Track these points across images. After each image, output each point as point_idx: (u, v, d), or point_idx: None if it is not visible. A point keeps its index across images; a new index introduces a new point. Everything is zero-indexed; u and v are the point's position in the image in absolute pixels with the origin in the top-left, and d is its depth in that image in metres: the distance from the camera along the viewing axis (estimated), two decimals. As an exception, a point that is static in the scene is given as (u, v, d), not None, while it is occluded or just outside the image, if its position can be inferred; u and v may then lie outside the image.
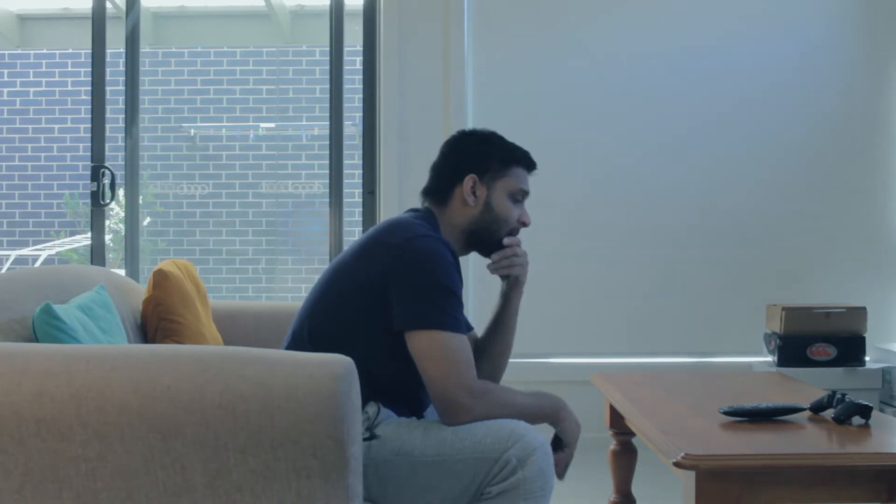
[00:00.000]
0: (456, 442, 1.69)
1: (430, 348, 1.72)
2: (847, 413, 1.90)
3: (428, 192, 2.00)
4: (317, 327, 1.86)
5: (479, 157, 1.99)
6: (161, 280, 2.34)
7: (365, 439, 1.71)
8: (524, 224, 2.01)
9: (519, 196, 1.99)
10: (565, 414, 1.90)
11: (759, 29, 4.04)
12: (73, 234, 6.80)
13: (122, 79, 4.14)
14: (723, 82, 4.03)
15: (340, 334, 1.81)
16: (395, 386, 1.81)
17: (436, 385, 1.71)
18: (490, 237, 1.98)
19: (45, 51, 6.93)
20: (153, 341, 2.30)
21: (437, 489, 1.69)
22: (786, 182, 4.02)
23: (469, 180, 1.95)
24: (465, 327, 1.80)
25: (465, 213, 1.96)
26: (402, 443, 1.72)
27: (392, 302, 1.76)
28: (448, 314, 1.74)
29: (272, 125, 6.61)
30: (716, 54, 4.04)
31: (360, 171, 4.15)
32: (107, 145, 4.02)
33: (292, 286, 6.53)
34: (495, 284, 2.12)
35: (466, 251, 2.01)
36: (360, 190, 4.15)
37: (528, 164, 2.03)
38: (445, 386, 1.71)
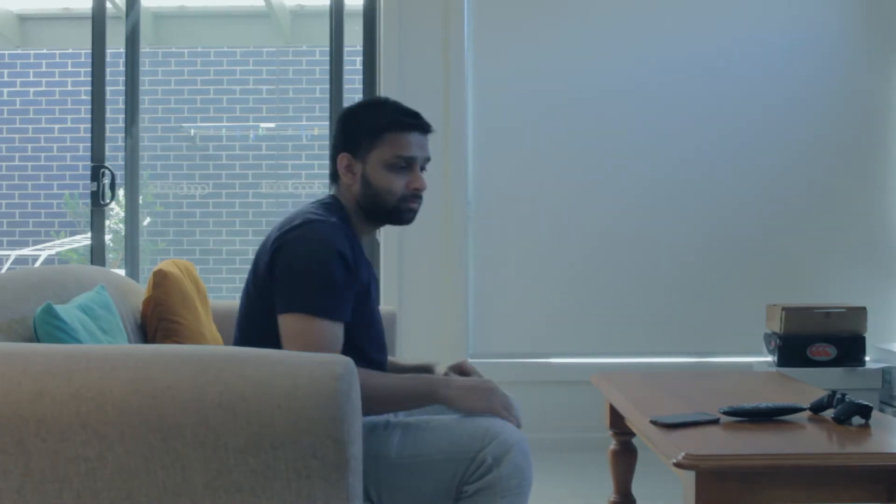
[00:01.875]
0: (433, 442, 1.70)
1: (292, 330, 1.72)
2: (847, 413, 1.90)
3: (329, 177, 2.02)
4: (241, 328, 1.90)
5: (346, 134, 1.94)
6: (161, 280, 2.34)
7: None
8: (417, 189, 1.92)
9: (399, 163, 1.89)
10: (444, 392, 1.77)
11: (759, 29, 4.04)
12: (73, 234, 6.80)
13: (122, 79, 4.14)
14: (722, 82, 4.03)
15: (254, 332, 1.84)
16: None
17: None
18: (380, 210, 1.92)
19: (45, 51, 6.93)
20: (153, 341, 2.30)
21: (417, 489, 1.70)
22: (786, 182, 4.02)
23: (342, 160, 1.93)
24: (337, 313, 1.76)
25: (350, 191, 1.93)
26: (380, 446, 1.72)
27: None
28: (316, 298, 1.73)
29: (272, 125, 6.61)
30: (715, 53, 4.04)
31: (360, 171, 4.15)
32: (107, 145, 4.02)
33: (292, 286, 6.51)
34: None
35: (373, 226, 1.98)
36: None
37: (403, 127, 1.92)
38: None
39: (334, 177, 1.96)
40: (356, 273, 1.82)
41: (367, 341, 1.89)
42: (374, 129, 1.91)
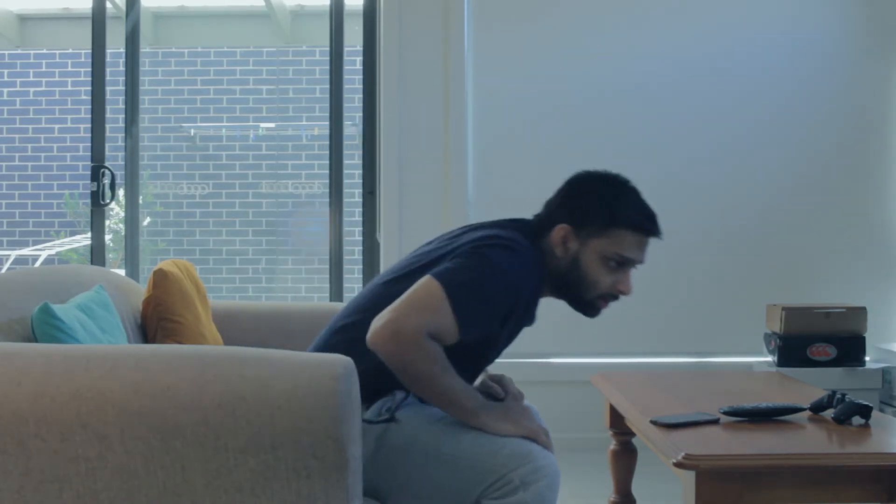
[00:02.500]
0: (473, 447, 1.67)
1: (426, 296, 1.64)
2: (847, 413, 1.90)
3: (539, 217, 1.89)
4: (371, 312, 1.75)
5: (580, 209, 1.82)
6: (161, 280, 2.34)
7: (384, 420, 1.70)
8: (621, 293, 1.83)
9: (617, 260, 1.81)
10: (483, 419, 1.70)
11: (760, 29, 4.04)
12: (73, 234, 6.80)
13: (122, 79, 4.14)
14: (723, 83, 4.03)
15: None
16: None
17: (388, 309, 1.64)
18: (574, 295, 1.84)
19: (45, 51, 6.93)
20: (153, 341, 2.30)
21: (439, 485, 1.68)
22: (786, 182, 4.02)
23: (560, 230, 1.81)
24: (469, 326, 1.67)
25: (553, 259, 1.82)
26: (420, 432, 1.69)
27: None
28: (471, 301, 1.65)
29: (272, 125, 6.61)
30: (715, 54, 4.04)
31: (360, 171, 4.15)
32: (107, 145, 4.02)
33: (292, 286, 6.53)
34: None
35: (551, 294, 1.89)
36: (360, 190, 4.15)
37: (639, 229, 1.83)
38: (391, 313, 1.63)
39: (544, 231, 1.84)
40: (515, 315, 1.76)
41: (483, 356, 1.84)
42: (608, 219, 1.80)
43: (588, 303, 1.85)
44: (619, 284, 1.82)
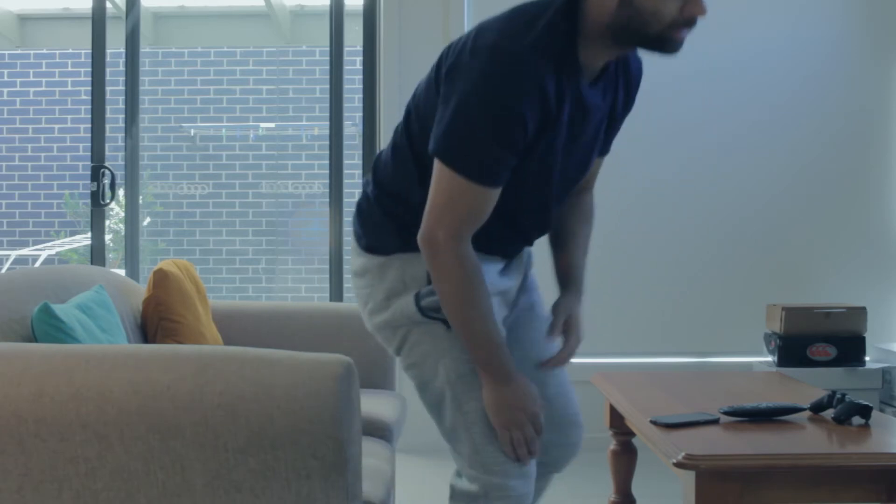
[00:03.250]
0: (474, 419, 1.63)
1: (438, 183, 1.51)
2: (847, 413, 1.90)
3: None
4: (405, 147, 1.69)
5: None
6: (161, 280, 2.34)
7: (439, 318, 1.61)
8: (693, 16, 1.47)
9: None
10: (488, 381, 1.61)
11: (760, 29, 4.04)
12: (73, 234, 6.80)
13: (122, 79, 4.14)
14: (723, 83, 4.02)
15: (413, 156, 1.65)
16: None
17: (426, 211, 1.54)
18: (637, 36, 1.49)
19: (45, 51, 6.93)
20: (153, 341, 2.30)
21: (434, 398, 1.67)
22: (786, 182, 4.02)
23: None
24: (488, 177, 1.49)
25: (600, 5, 1.48)
26: (452, 358, 1.62)
27: None
28: (467, 153, 1.48)
29: (272, 125, 6.61)
30: (716, 54, 4.04)
31: (360, 171, 4.15)
32: (107, 145, 4.02)
33: (292, 286, 6.53)
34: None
35: (621, 49, 1.58)
36: (360, 190, 4.15)
37: None
38: (426, 216, 1.54)
39: None
40: (542, 125, 1.50)
41: (521, 202, 1.62)
42: None
43: (657, 38, 1.50)
44: (688, 7, 1.47)
